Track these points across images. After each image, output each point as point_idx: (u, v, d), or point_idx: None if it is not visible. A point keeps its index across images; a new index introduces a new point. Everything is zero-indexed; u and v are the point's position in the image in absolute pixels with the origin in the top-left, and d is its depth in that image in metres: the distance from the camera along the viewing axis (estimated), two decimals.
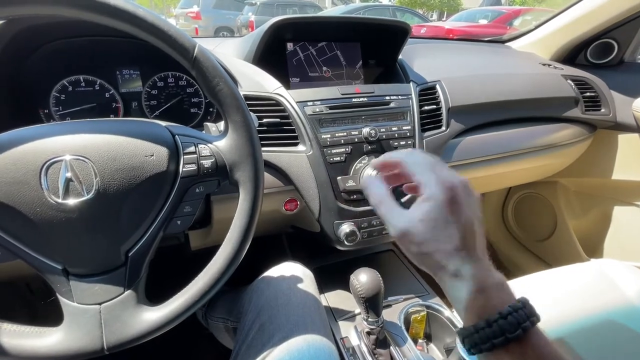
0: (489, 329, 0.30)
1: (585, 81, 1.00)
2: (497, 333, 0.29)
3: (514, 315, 0.29)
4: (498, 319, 0.30)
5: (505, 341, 0.29)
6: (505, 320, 0.29)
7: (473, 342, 0.31)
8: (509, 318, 0.29)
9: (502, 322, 0.29)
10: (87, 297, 0.39)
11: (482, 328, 0.30)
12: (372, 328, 0.59)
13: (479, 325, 0.30)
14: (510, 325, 0.29)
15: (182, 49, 0.38)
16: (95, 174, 0.37)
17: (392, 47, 0.80)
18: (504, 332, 0.29)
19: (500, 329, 0.29)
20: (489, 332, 0.30)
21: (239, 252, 0.42)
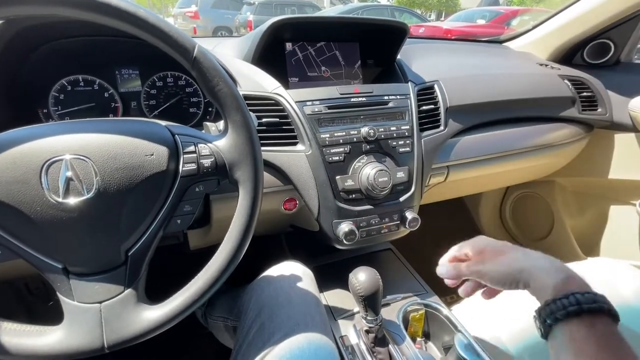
0: (565, 299, 0.33)
1: (582, 81, 1.01)
2: (572, 302, 0.33)
3: (590, 295, 0.33)
4: (576, 293, 0.33)
5: (580, 310, 0.32)
6: (583, 295, 0.33)
7: (550, 311, 0.34)
8: (586, 295, 0.33)
9: (579, 295, 0.33)
10: (87, 296, 0.39)
11: (560, 299, 0.34)
12: (370, 326, 0.59)
13: (557, 296, 0.34)
14: (586, 299, 0.33)
15: (182, 49, 0.39)
16: (96, 173, 0.37)
17: (391, 47, 0.80)
18: (579, 302, 0.32)
19: (576, 300, 0.33)
20: (565, 302, 0.33)
21: (238, 250, 0.42)
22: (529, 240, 1.35)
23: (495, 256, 0.45)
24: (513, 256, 0.43)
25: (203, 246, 0.72)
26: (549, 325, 0.34)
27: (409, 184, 0.70)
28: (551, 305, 0.34)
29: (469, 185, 0.99)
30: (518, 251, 0.43)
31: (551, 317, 0.34)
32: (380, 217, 0.67)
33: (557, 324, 0.33)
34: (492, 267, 0.44)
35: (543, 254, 0.42)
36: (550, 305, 0.34)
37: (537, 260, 0.40)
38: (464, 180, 0.87)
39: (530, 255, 0.42)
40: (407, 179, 0.69)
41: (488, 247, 0.47)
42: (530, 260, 0.41)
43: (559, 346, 0.34)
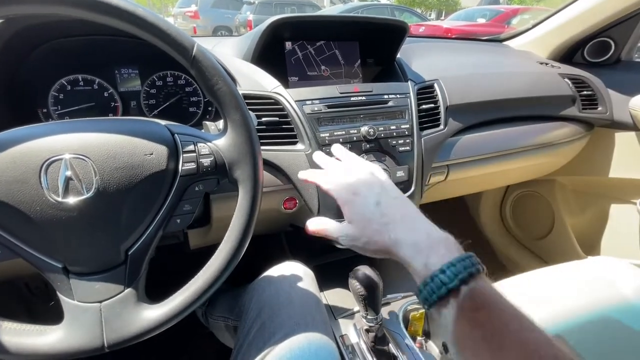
0: (432, 283, 0.33)
1: (582, 80, 1.01)
2: (438, 285, 0.32)
3: (451, 269, 0.32)
4: (438, 274, 0.33)
5: (446, 292, 0.32)
6: (444, 274, 0.33)
7: (424, 298, 0.34)
8: (447, 271, 0.32)
9: (442, 275, 0.33)
10: (87, 295, 0.39)
11: (427, 283, 0.33)
12: (371, 325, 0.59)
13: (425, 281, 0.34)
14: (448, 278, 0.32)
15: (182, 48, 0.38)
16: (95, 172, 0.37)
17: (391, 46, 0.80)
18: (443, 283, 0.32)
19: (440, 281, 0.32)
20: (432, 286, 0.33)
21: (238, 250, 0.42)
22: (529, 239, 1.35)
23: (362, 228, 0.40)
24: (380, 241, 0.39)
25: (203, 245, 0.72)
26: (427, 308, 0.34)
27: (408, 183, 0.70)
28: (423, 292, 0.34)
29: (469, 185, 0.99)
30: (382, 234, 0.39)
31: (427, 303, 0.34)
32: None
33: (433, 308, 0.34)
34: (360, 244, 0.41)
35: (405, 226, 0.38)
36: (422, 292, 0.34)
37: (403, 248, 0.37)
38: (464, 179, 0.87)
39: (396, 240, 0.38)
40: (407, 178, 0.69)
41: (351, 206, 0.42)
42: (396, 247, 0.38)
43: (442, 327, 0.34)
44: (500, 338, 0.30)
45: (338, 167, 0.49)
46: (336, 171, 0.48)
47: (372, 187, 0.43)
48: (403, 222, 0.39)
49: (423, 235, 0.37)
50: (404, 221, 0.39)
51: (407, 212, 0.40)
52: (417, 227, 0.38)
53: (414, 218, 0.39)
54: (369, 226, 0.40)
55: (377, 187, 0.43)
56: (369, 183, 0.43)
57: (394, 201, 0.41)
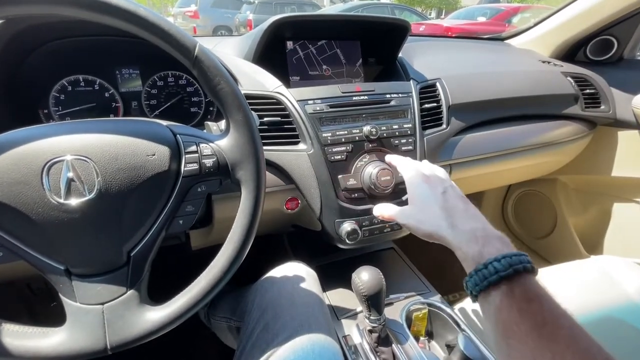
0: (485, 269, 0.34)
1: (584, 78, 1.00)
2: (491, 272, 0.34)
3: (507, 259, 0.34)
4: (493, 261, 0.34)
5: (498, 278, 0.33)
6: (499, 262, 0.34)
7: (474, 283, 0.35)
8: (502, 261, 0.34)
9: (496, 263, 0.34)
10: (89, 297, 0.39)
11: (480, 269, 0.35)
12: (374, 326, 0.59)
13: (478, 267, 0.35)
14: (503, 266, 0.33)
15: (184, 48, 0.38)
16: (97, 173, 0.37)
17: (392, 45, 0.80)
18: (497, 271, 0.33)
19: (494, 268, 0.34)
20: (485, 272, 0.34)
21: (241, 251, 0.42)
22: (532, 239, 1.35)
23: (422, 208, 0.46)
24: (435, 223, 0.43)
25: (205, 246, 0.72)
26: (475, 296, 0.36)
27: None
28: (474, 277, 0.35)
29: (471, 184, 0.99)
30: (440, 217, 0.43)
31: (476, 289, 0.35)
32: None
33: (481, 293, 0.35)
34: (414, 222, 0.46)
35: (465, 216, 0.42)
36: (473, 277, 0.35)
37: (458, 234, 0.40)
38: (467, 178, 0.86)
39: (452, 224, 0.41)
40: None
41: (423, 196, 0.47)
42: (450, 232, 0.41)
43: (487, 314, 0.35)
44: (553, 329, 0.30)
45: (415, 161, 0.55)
46: (414, 162, 0.55)
47: (443, 181, 0.48)
48: (464, 212, 0.42)
49: (480, 226, 0.40)
50: (465, 212, 0.42)
51: (469, 207, 0.44)
52: (476, 218, 0.41)
53: (475, 212, 0.43)
54: (430, 208, 0.45)
55: (447, 182, 0.48)
56: (441, 177, 0.49)
57: (459, 197, 0.45)
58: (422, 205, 0.46)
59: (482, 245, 0.37)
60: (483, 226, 0.40)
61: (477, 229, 0.39)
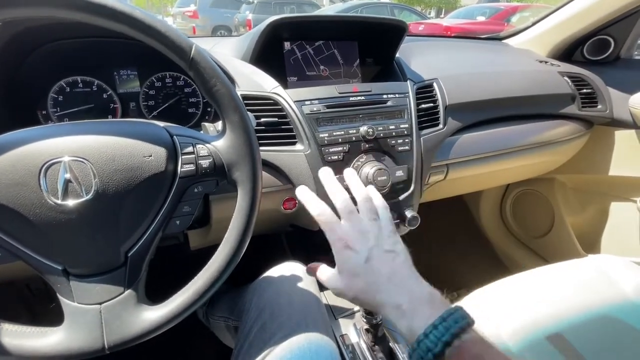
0: (419, 349, 0.33)
1: (581, 78, 1.00)
2: (424, 351, 0.32)
3: (434, 332, 0.32)
4: (423, 339, 0.33)
5: (433, 357, 0.32)
6: (428, 339, 0.32)
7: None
8: (430, 336, 0.32)
9: (427, 341, 0.32)
10: (87, 297, 0.39)
11: (414, 349, 0.33)
12: (371, 325, 0.60)
13: (413, 347, 0.34)
14: (432, 343, 0.32)
15: (179, 49, 0.38)
16: (94, 174, 0.37)
17: (389, 45, 0.80)
18: (429, 349, 0.32)
19: (426, 347, 0.32)
20: (420, 352, 0.33)
21: (238, 250, 0.43)
22: (529, 238, 1.35)
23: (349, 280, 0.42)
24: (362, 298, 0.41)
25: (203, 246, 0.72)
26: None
27: (408, 183, 0.70)
28: (412, 356, 0.34)
29: (468, 184, 0.99)
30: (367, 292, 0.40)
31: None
32: None
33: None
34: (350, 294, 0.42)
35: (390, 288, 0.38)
36: (412, 358, 0.34)
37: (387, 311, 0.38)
38: (464, 178, 0.87)
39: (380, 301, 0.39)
40: (406, 178, 0.69)
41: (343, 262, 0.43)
42: (379, 309, 0.39)
43: None
44: None
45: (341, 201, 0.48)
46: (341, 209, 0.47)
47: (366, 240, 0.42)
48: (389, 282, 0.39)
49: (406, 297, 0.37)
50: (390, 280, 0.39)
51: (395, 269, 0.40)
52: (402, 286, 0.38)
53: (402, 276, 0.39)
54: (356, 283, 0.41)
55: (372, 239, 0.43)
56: (364, 234, 0.43)
57: (385, 256, 0.41)
58: (348, 277, 0.42)
59: (411, 319, 0.35)
60: (410, 294, 0.37)
61: (402, 303, 0.37)
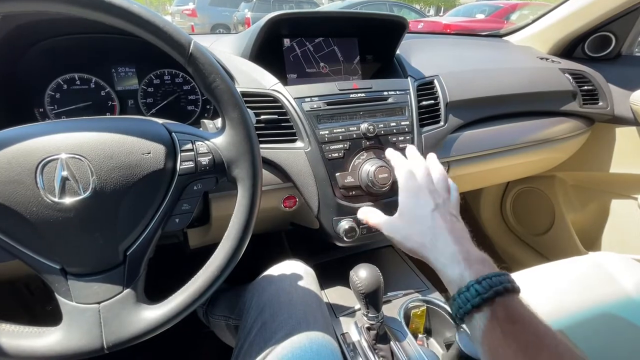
0: (467, 292, 0.34)
1: (582, 75, 1.00)
2: (473, 295, 0.34)
3: (487, 280, 0.34)
4: (474, 284, 0.34)
5: (480, 301, 0.33)
6: (480, 285, 0.34)
7: (457, 307, 0.35)
8: (483, 283, 0.34)
9: (477, 286, 0.34)
10: (85, 296, 0.39)
11: (462, 292, 0.35)
12: (372, 323, 0.59)
13: (460, 291, 0.35)
14: (484, 288, 0.34)
15: (178, 45, 0.38)
16: (92, 172, 0.37)
17: (390, 42, 0.80)
18: (479, 293, 0.34)
19: (475, 291, 0.34)
20: (467, 295, 0.34)
21: (238, 249, 0.42)
22: (530, 235, 1.35)
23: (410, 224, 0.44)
24: (420, 241, 0.42)
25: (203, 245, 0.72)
26: (460, 319, 0.36)
27: None
28: (457, 300, 0.35)
29: (469, 181, 0.99)
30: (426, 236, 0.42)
31: (460, 312, 0.35)
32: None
33: (465, 316, 0.35)
34: (400, 236, 0.45)
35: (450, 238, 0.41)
36: (456, 300, 0.36)
37: (441, 256, 0.40)
38: (465, 175, 0.86)
39: (436, 245, 0.41)
40: None
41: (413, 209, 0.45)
42: (433, 252, 0.41)
43: (474, 337, 0.35)
44: (537, 350, 0.30)
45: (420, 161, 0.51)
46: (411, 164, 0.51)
47: (435, 194, 0.45)
48: (449, 233, 0.41)
49: (463, 249, 0.39)
50: (450, 232, 0.41)
51: (456, 227, 0.42)
52: (460, 242, 0.40)
53: (460, 234, 0.42)
54: (416, 225, 0.44)
55: (441, 199, 0.45)
56: (434, 192, 0.46)
57: (449, 216, 0.44)
58: (409, 221, 0.45)
59: (464, 268, 0.37)
60: (466, 248, 0.40)
61: (459, 252, 0.39)
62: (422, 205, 0.44)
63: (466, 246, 0.40)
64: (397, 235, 0.45)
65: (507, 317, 0.32)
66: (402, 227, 0.45)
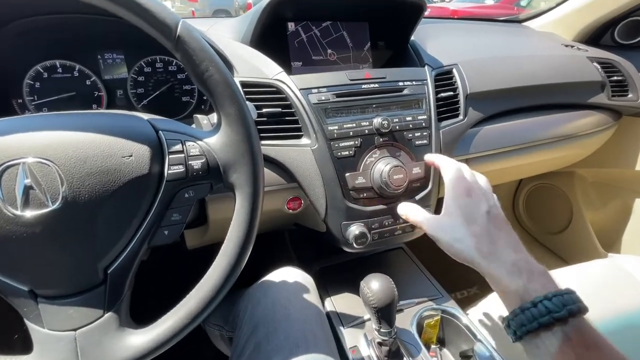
0: (534, 308, 0.31)
1: (612, 64, 0.92)
2: (542, 312, 0.30)
3: (558, 297, 0.31)
4: (543, 300, 0.31)
5: (551, 320, 0.30)
6: (550, 301, 0.31)
7: (520, 323, 0.32)
8: (554, 300, 0.31)
9: (547, 302, 0.31)
10: (59, 322, 0.33)
11: (528, 308, 0.31)
12: (384, 339, 0.54)
13: (524, 306, 0.32)
14: (556, 306, 0.30)
15: (163, 26, 0.32)
16: (62, 179, 0.31)
17: (404, 26, 0.73)
18: (549, 311, 0.30)
19: (546, 308, 0.30)
20: (534, 312, 0.31)
21: (236, 266, 0.37)
22: (544, 234, 1.29)
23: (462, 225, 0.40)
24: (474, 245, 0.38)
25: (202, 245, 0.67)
26: (519, 336, 0.32)
27: (425, 181, 0.63)
28: (519, 316, 0.32)
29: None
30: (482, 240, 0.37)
31: (522, 330, 0.32)
32: (394, 217, 0.61)
33: (528, 335, 0.32)
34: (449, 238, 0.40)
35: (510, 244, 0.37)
36: (518, 316, 0.32)
37: (499, 265, 0.36)
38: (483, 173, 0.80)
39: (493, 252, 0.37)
40: (424, 175, 0.62)
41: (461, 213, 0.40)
42: (490, 260, 0.37)
43: (538, 357, 0.32)
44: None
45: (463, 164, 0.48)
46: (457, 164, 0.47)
47: (487, 196, 0.42)
48: (507, 240, 0.37)
49: (523, 258, 0.36)
50: (508, 238, 0.37)
51: (511, 233, 0.39)
52: (518, 248, 0.37)
53: (517, 240, 0.38)
54: (469, 227, 0.39)
55: (492, 198, 0.42)
56: (487, 191, 0.43)
57: (502, 219, 0.41)
58: (461, 222, 0.40)
59: (527, 280, 0.33)
60: (526, 258, 0.36)
61: (519, 260, 0.35)
62: (475, 206, 0.40)
63: (525, 254, 0.36)
64: (446, 236, 0.40)
65: (582, 342, 0.30)
66: (452, 228, 0.40)
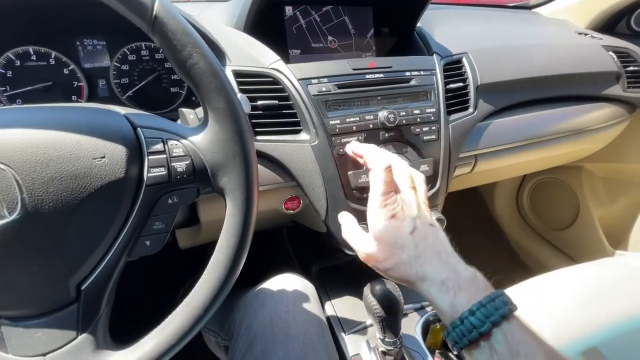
0: (462, 326, 0.31)
1: (628, 53, 0.88)
2: (469, 329, 0.31)
3: (481, 310, 0.31)
4: (468, 316, 0.31)
5: (477, 335, 0.30)
6: (474, 316, 0.31)
7: (453, 340, 0.32)
8: (477, 313, 0.31)
9: (472, 318, 0.31)
10: (25, 346, 0.29)
11: (457, 326, 0.32)
12: (389, 349, 0.51)
13: (455, 324, 0.32)
14: (479, 321, 0.30)
15: (137, 4, 0.27)
16: (20, 186, 0.26)
17: (410, 12, 0.68)
18: (474, 327, 0.30)
19: (470, 324, 0.31)
20: (462, 329, 0.31)
21: (226, 281, 0.33)
22: (550, 230, 1.26)
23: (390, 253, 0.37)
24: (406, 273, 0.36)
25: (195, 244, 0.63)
26: (459, 349, 0.33)
27: (434, 179, 0.59)
28: (452, 334, 0.32)
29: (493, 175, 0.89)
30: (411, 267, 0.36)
31: (457, 347, 0.32)
32: None
33: (464, 350, 0.32)
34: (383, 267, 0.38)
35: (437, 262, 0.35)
36: (451, 334, 0.32)
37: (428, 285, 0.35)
38: (491, 170, 0.76)
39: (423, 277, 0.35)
40: (432, 173, 0.58)
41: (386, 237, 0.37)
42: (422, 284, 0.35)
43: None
44: None
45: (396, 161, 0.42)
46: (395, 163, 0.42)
47: (411, 208, 0.38)
48: (436, 256, 0.36)
49: (451, 274, 0.35)
50: (437, 255, 0.36)
51: (440, 244, 0.37)
52: (447, 263, 0.36)
53: (446, 252, 0.37)
54: (398, 255, 0.37)
55: (415, 207, 0.38)
56: (408, 201, 0.38)
57: (429, 229, 0.38)
58: (388, 249, 0.37)
59: (454, 296, 0.33)
60: (455, 271, 0.35)
61: (447, 279, 0.34)
62: (400, 229, 0.37)
63: (453, 265, 0.35)
64: (379, 266, 0.38)
65: (509, 351, 0.30)
66: (382, 256, 0.38)
